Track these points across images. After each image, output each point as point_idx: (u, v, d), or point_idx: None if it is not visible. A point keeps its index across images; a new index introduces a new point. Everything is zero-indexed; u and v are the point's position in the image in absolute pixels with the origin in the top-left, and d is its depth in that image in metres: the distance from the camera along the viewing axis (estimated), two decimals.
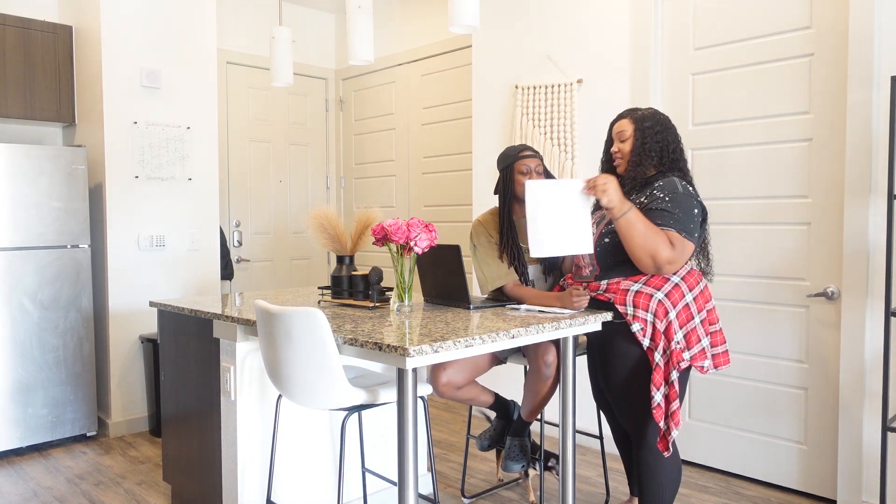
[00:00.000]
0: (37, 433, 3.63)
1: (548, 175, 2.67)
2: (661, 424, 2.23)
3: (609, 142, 2.48)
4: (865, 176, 2.70)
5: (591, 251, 2.30)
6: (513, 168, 2.62)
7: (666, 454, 2.26)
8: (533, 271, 2.66)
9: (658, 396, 2.22)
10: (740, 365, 3.16)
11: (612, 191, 2.21)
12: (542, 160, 2.65)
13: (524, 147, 2.64)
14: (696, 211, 2.25)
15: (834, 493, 2.90)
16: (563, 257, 2.63)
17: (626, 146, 2.38)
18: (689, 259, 2.36)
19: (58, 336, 3.69)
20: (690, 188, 2.30)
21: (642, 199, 2.32)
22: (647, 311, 2.25)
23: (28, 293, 3.59)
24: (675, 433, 2.23)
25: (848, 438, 2.78)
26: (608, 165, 2.51)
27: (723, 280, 3.20)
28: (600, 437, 2.86)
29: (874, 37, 2.66)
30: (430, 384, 2.54)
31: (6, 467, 3.42)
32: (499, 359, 2.71)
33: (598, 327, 2.34)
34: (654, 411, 2.22)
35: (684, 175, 2.36)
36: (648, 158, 2.33)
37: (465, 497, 3.01)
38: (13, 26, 3.79)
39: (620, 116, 2.43)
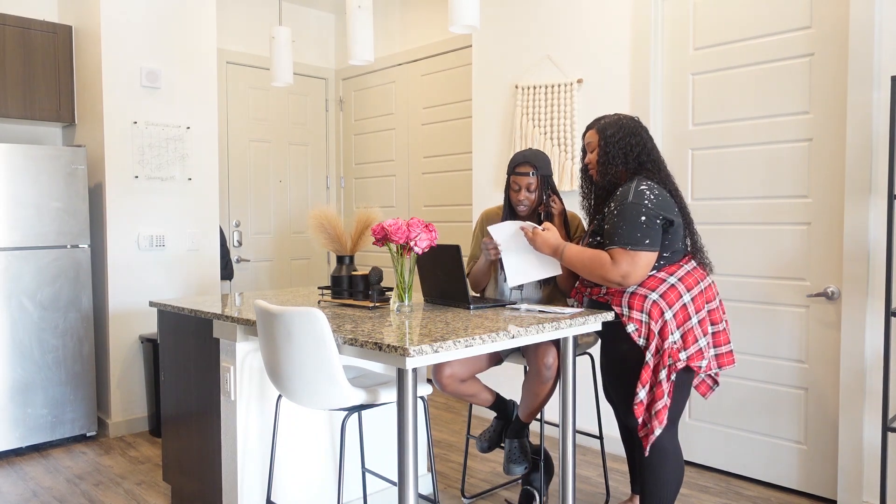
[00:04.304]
0: (36, 433, 3.63)
1: (546, 187, 2.65)
2: (640, 421, 2.29)
3: (584, 151, 2.56)
4: (865, 176, 2.70)
5: (560, 272, 2.54)
6: (509, 180, 2.66)
7: (645, 453, 2.29)
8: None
9: (642, 394, 2.27)
10: (740, 365, 3.16)
11: (541, 245, 2.46)
12: (539, 172, 2.61)
13: (524, 160, 2.62)
14: (642, 219, 2.24)
15: (834, 493, 2.90)
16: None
17: (594, 156, 2.46)
18: (684, 259, 2.38)
19: (57, 336, 3.69)
20: (647, 192, 2.28)
21: (606, 211, 2.38)
22: (641, 311, 2.29)
23: (28, 293, 3.59)
24: (657, 432, 2.26)
25: (848, 438, 2.78)
26: (585, 174, 2.58)
27: (723, 280, 3.20)
28: (600, 437, 2.86)
29: (874, 37, 2.66)
30: (433, 377, 2.55)
31: (6, 467, 3.42)
32: (497, 358, 2.71)
33: (598, 327, 2.35)
34: (635, 407, 2.26)
35: (651, 174, 2.37)
36: (613, 165, 2.40)
37: (465, 497, 3.01)
38: (13, 26, 3.79)
39: (588, 128, 2.52)
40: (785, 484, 3.04)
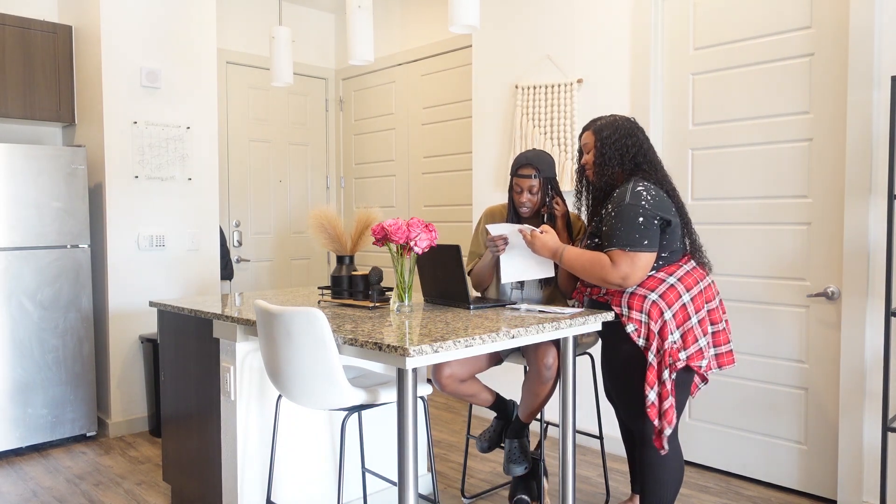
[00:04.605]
0: (36, 433, 3.63)
1: (549, 189, 2.65)
2: (656, 423, 2.27)
3: (580, 152, 2.57)
4: (865, 176, 2.70)
5: (553, 275, 2.56)
6: (512, 181, 2.67)
7: (662, 452, 2.29)
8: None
9: (652, 395, 2.26)
10: (740, 365, 3.16)
11: (540, 248, 2.46)
12: (541, 175, 2.60)
13: (526, 162, 2.62)
14: (640, 220, 2.25)
15: (834, 494, 2.90)
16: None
17: (591, 157, 2.48)
18: (683, 258, 2.38)
19: (57, 336, 3.69)
20: (644, 192, 2.29)
21: (604, 213, 2.39)
22: (640, 311, 2.30)
23: (28, 293, 3.59)
24: (667, 431, 2.26)
25: (848, 438, 2.78)
26: (581, 175, 2.59)
27: (723, 280, 3.20)
28: (600, 437, 2.86)
29: (874, 37, 2.66)
30: (433, 377, 2.55)
31: (6, 467, 3.42)
32: (497, 358, 2.71)
33: (598, 327, 2.35)
34: (648, 410, 2.25)
35: (648, 175, 2.38)
36: (609, 166, 2.42)
37: (465, 497, 3.01)
38: (13, 26, 3.79)
39: (584, 129, 2.53)
40: (785, 484, 3.04)
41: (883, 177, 2.67)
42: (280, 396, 2.29)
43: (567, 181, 3.67)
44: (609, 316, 2.36)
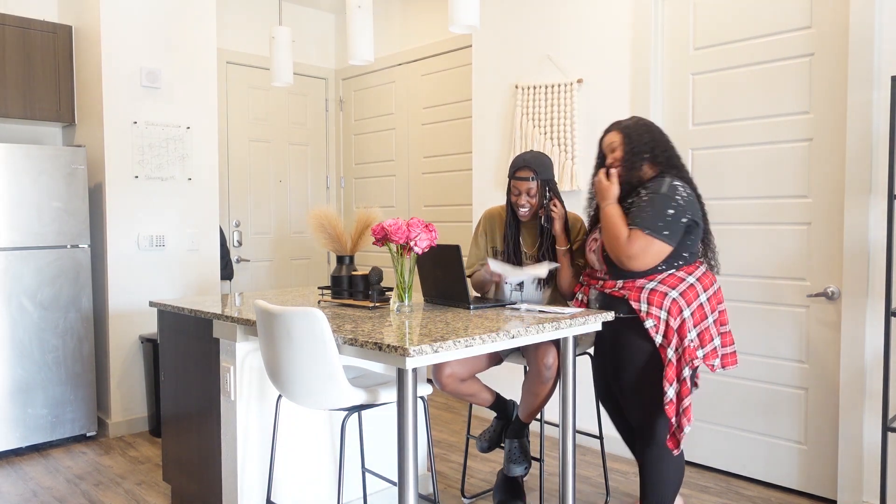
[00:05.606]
0: (36, 433, 3.63)
1: (547, 191, 2.63)
2: (673, 420, 2.26)
3: (601, 157, 2.55)
4: (865, 176, 2.70)
5: (544, 276, 2.58)
6: (510, 183, 2.67)
7: (675, 452, 2.29)
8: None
9: (671, 392, 2.26)
10: (740, 365, 3.16)
11: (600, 189, 2.44)
12: (539, 177, 2.59)
13: (524, 165, 2.61)
14: (670, 211, 2.27)
15: (834, 493, 2.90)
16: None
17: (618, 153, 2.45)
18: (697, 260, 2.39)
19: (57, 336, 3.69)
20: (681, 188, 2.31)
21: (632, 200, 2.38)
22: (661, 308, 2.30)
23: (28, 293, 3.59)
24: (687, 429, 2.26)
25: (848, 438, 2.78)
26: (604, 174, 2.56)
27: (723, 280, 3.20)
28: (600, 437, 2.86)
29: (874, 37, 2.65)
30: (433, 377, 2.55)
31: (6, 467, 3.42)
32: (497, 358, 2.71)
33: (598, 327, 2.35)
34: (666, 407, 2.25)
35: (680, 172, 2.39)
36: (640, 159, 2.40)
37: (465, 497, 3.01)
38: (13, 26, 3.79)
39: (607, 131, 2.52)
40: (785, 484, 3.04)
41: (883, 177, 2.67)
42: (280, 396, 2.29)
43: (567, 182, 3.67)
44: (609, 316, 2.36)
